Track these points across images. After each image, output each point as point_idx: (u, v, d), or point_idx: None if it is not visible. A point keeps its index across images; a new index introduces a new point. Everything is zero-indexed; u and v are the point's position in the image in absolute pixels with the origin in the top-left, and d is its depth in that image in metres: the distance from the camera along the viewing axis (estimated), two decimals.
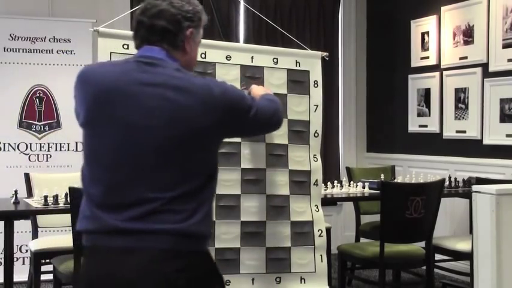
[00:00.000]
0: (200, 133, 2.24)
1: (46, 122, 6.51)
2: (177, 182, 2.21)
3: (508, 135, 5.99)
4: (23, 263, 6.08)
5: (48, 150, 6.50)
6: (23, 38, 6.44)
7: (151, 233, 2.17)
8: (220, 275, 2.37)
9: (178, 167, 2.22)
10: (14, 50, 6.42)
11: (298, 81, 3.99)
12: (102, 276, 2.20)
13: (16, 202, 4.57)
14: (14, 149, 6.39)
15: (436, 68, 6.88)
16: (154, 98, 2.20)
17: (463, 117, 6.54)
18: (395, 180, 6.05)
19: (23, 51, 6.44)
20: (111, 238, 2.20)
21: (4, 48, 6.39)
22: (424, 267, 5.11)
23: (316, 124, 4.01)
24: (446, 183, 5.44)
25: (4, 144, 6.36)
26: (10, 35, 6.41)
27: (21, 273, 5.56)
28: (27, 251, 5.90)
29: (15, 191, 4.64)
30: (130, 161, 2.21)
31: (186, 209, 2.21)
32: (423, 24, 7.06)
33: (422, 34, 7.07)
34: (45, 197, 4.49)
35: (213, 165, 2.34)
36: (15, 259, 5.00)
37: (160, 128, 2.19)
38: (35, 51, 6.47)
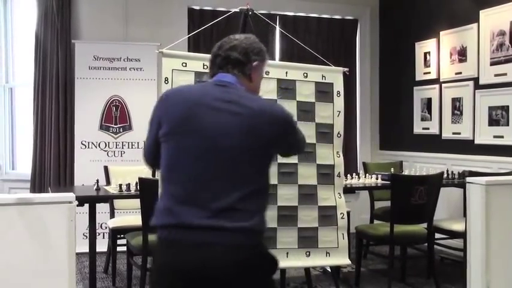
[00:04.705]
0: (266, 142, 2.21)
1: (121, 125, 6.57)
2: (246, 181, 2.18)
3: (495, 136, 5.92)
4: (103, 237, 6.14)
5: (122, 148, 6.56)
6: (103, 59, 6.52)
7: (223, 230, 2.11)
8: (275, 258, 2.29)
9: (247, 169, 2.19)
10: (96, 68, 6.51)
11: (324, 91, 3.96)
12: (190, 267, 2.12)
13: (97, 189, 4.64)
14: (96, 147, 6.47)
15: (436, 81, 6.80)
16: (229, 112, 2.19)
17: (458, 122, 6.46)
18: (403, 173, 6.00)
19: (103, 69, 6.52)
20: (192, 232, 2.12)
21: (89, 67, 6.48)
22: (426, 244, 5.06)
23: (339, 127, 3.99)
24: (445, 175, 5.38)
25: (88, 142, 6.44)
26: (93, 56, 6.50)
27: (101, 245, 5.61)
28: (106, 227, 5.96)
29: (97, 180, 4.71)
30: (210, 164, 2.16)
31: (251, 209, 2.17)
32: (425, 46, 6.99)
33: (425, 54, 6.99)
34: (120, 185, 4.54)
35: (268, 171, 2.30)
36: (97, 234, 5.05)
37: (235, 137, 2.16)
38: (112, 68, 6.54)
